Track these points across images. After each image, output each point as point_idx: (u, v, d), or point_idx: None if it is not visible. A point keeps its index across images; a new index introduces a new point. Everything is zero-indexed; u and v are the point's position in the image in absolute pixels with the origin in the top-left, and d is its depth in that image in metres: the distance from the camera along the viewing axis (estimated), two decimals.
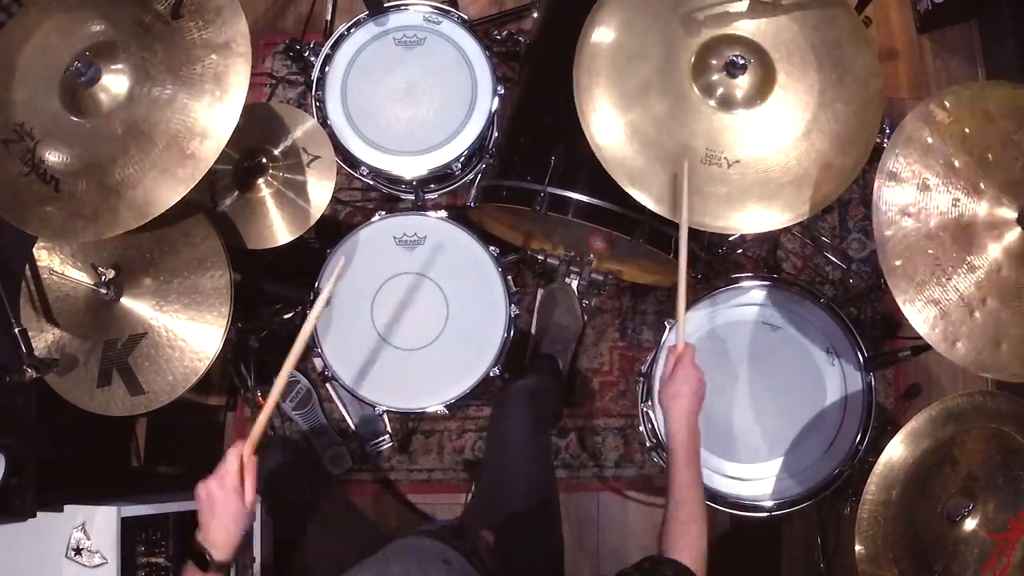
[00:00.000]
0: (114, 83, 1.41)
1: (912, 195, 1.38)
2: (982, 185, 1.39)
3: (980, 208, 1.39)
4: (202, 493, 1.07)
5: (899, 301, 1.35)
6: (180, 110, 1.38)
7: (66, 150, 1.41)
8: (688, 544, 1.17)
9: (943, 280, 1.36)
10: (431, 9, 1.96)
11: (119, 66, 1.42)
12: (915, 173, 1.38)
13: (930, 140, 1.39)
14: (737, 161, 1.46)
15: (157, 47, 1.42)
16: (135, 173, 1.38)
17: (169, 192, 1.36)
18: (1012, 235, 1.38)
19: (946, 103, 1.40)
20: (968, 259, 1.37)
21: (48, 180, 1.40)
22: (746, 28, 1.52)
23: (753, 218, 1.46)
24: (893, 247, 1.36)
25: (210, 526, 1.05)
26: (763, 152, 1.47)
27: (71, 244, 1.56)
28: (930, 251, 1.36)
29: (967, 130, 1.40)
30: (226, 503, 1.05)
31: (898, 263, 1.36)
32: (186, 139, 1.37)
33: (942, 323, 1.35)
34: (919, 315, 1.36)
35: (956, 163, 1.39)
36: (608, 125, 1.49)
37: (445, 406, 1.77)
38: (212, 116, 1.38)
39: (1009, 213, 1.38)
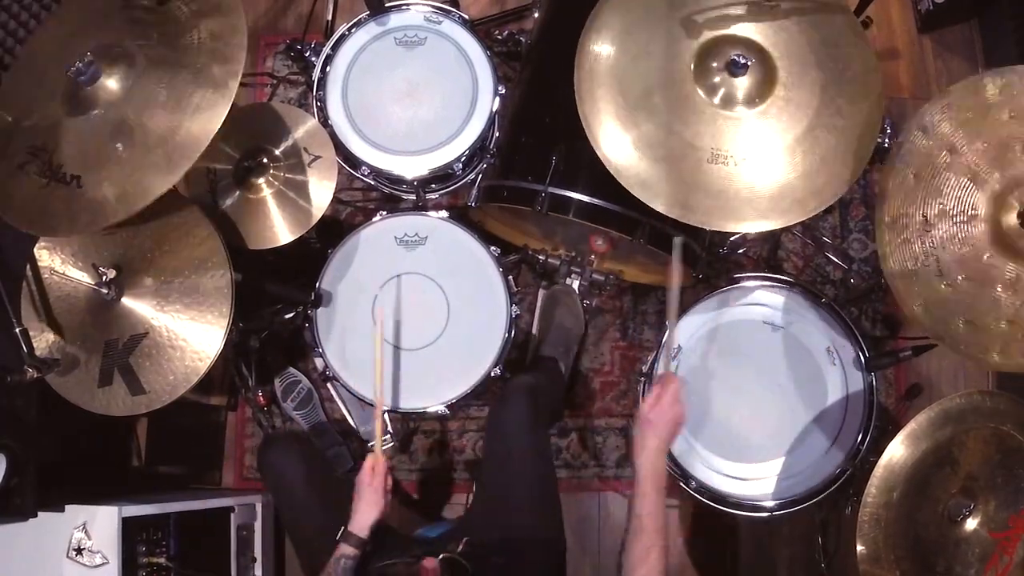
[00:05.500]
0: (118, 78, 1.42)
1: (930, 154, 1.38)
2: (998, 174, 1.39)
3: (987, 193, 1.38)
4: (356, 485, 1.46)
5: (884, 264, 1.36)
6: (191, 80, 1.40)
7: (83, 147, 1.41)
8: (647, 572, 1.22)
9: (928, 247, 1.37)
10: (432, 9, 1.96)
11: (121, 62, 1.42)
12: (944, 136, 1.39)
13: (969, 114, 1.39)
14: (743, 160, 1.46)
15: (152, 33, 1.43)
16: (155, 145, 1.38)
17: (193, 149, 1.37)
18: (1011, 228, 1.38)
19: (999, 80, 1.40)
20: (959, 235, 1.37)
21: (69, 181, 1.40)
22: (745, 28, 1.52)
23: (760, 217, 1.46)
24: (891, 200, 1.38)
25: (355, 509, 1.44)
26: (768, 150, 1.47)
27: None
28: (922, 213, 1.37)
29: (1008, 116, 1.40)
30: (361, 493, 1.45)
31: (888, 218, 1.38)
32: (203, 96, 1.39)
33: (914, 282, 1.37)
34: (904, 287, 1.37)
35: (983, 142, 1.39)
36: (617, 136, 1.49)
37: (446, 406, 1.77)
38: (219, 69, 1.39)
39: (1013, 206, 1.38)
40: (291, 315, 1.89)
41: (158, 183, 1.37)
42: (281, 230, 1.77)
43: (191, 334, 1.53)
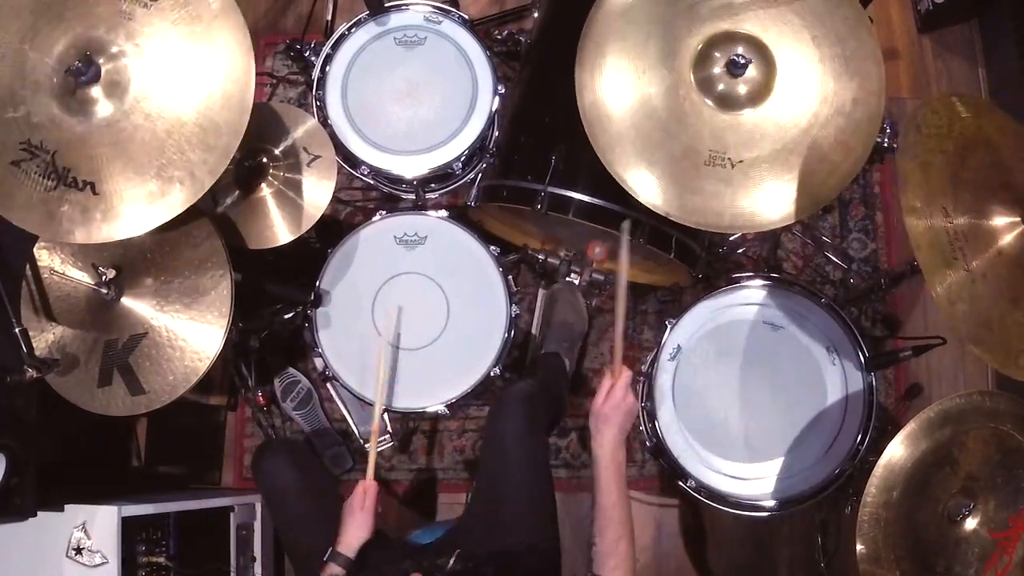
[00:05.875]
0: (118, 75, 1.41)
1: (933, 148, 1.39)
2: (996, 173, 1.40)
3: (991, 189, 1.39)
4: (345, 507, 1.48)
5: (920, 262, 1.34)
6: (195, 80, 1.39)
7: (92, 152, 1.40)
8: (618, 562, 1.26)
9: (954, 242, 1.36)
10: (432, 9, 1.96)
11: (115, 54, 1.41)
12: (936, 143, 1.39)
13: (950, 125, 1.40)
14: (741, 161, 1.46)
15: (146, 31, 1.42)
16: (175, 152, 1.37)
17: (220, 160, 1.37)
18: (1013, 232, 1.39)
19: (965, 103, 1.42)
20: (979, 231, 1.37)
21: (82, 186, 1.38)
22: (748, 22, 1.51)
23: (760, 216, 1.46)
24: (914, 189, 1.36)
25: (344, 530, 1.45)
26: (767, 150, 1.47)
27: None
28: (944, 205, 1.36)
29: (982, 127, 1.41)
30: (352, 515, 1.46)
31: (918, 204, 1.36)
32: (213, 104, 1.38)
33: (948, 281, 1.34)
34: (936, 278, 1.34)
35: (971, 151, 1.40)
36: (615, 136, 1.49)
37: (445, 406, 1.77)
38: (226, 76, 1.39)
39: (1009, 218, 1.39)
40: (291, 315, 1.89)
41: (181, 198, 1.37)
42: (281, 230, 1.77)
43: (191, 334, 1.53)
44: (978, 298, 1.35)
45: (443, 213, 1.86)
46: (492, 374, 1.77)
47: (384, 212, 1.87)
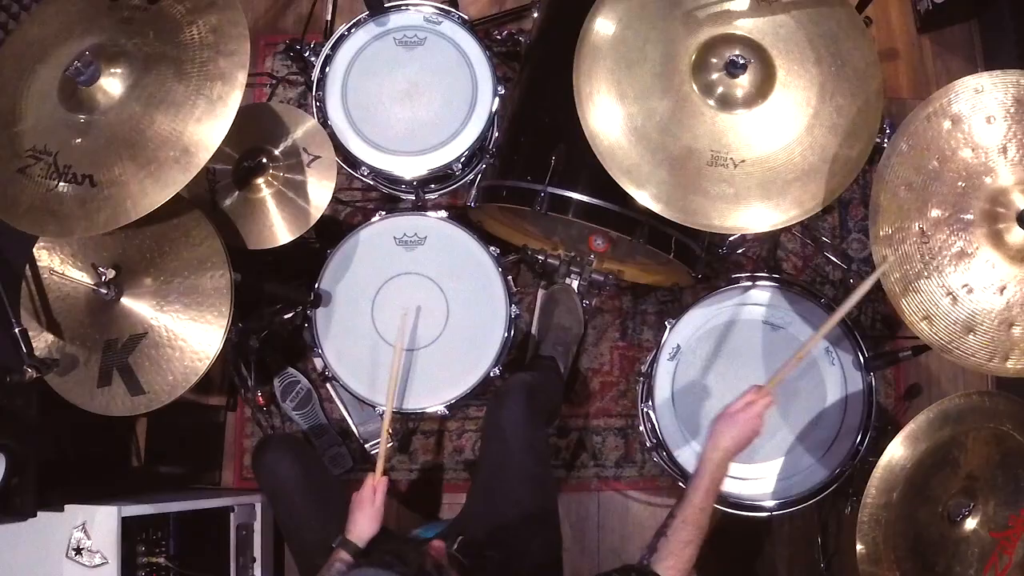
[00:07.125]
0: (120, 77, 1.41)
1: (921, 166, 1.38)
2: (990, 178, 1.39)
3: (981, 197, 1.38)
4: (354, 499, 1.48)
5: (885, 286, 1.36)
6: (194, 75, 1.40)
7: (89, 147, 1.40)
8: (678, 565, 1.24)
9: (927, 259, 1.37)
10: (432, 9, 1.96)
11: (118, 62, 1.42)
12: (933, 144, 1.38)
13: (949, 123, 1.39)
14: (743, 161, 1.46)
15: (148, 31, 1.43)
16: (170, 138, 1.38)
17: (210, 140, 1.38)
18: (1010, 232, 1.38)
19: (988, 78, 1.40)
20: (959, 244, 1.37)
21: (81, 180, 1.39)
22: (745, 26, 1.52)
23: (760, 217, 1.46)
24: (884, 215, 1.37)
25: (353, 520, 1.45)
26: (768, 150, 1.47)
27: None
28: (919, 225, 1.37)
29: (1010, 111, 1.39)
30: (361, 507, 1.46)
31: (883, 233, 1.38)
32: (209, 92, 1.39)
33: (918, 300, 1.36)
34: (907, 306, 1.37)
35: (971, 147, 1.39)
36: (607, 121, 1.49)
37: (445, 406, 1.77)
38: (225, 62, 1.40)
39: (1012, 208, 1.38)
40: (290, 315, 1.89)
41: (177, 177, 1.37)
42: (280, 230, 1.77)
43: (190, 334, 1.53)
44: (956, 307, 1.36)
45: (443, 214, 1.86)
46: (492, 374, 1.77)
47: (384, 213, 1.87)
